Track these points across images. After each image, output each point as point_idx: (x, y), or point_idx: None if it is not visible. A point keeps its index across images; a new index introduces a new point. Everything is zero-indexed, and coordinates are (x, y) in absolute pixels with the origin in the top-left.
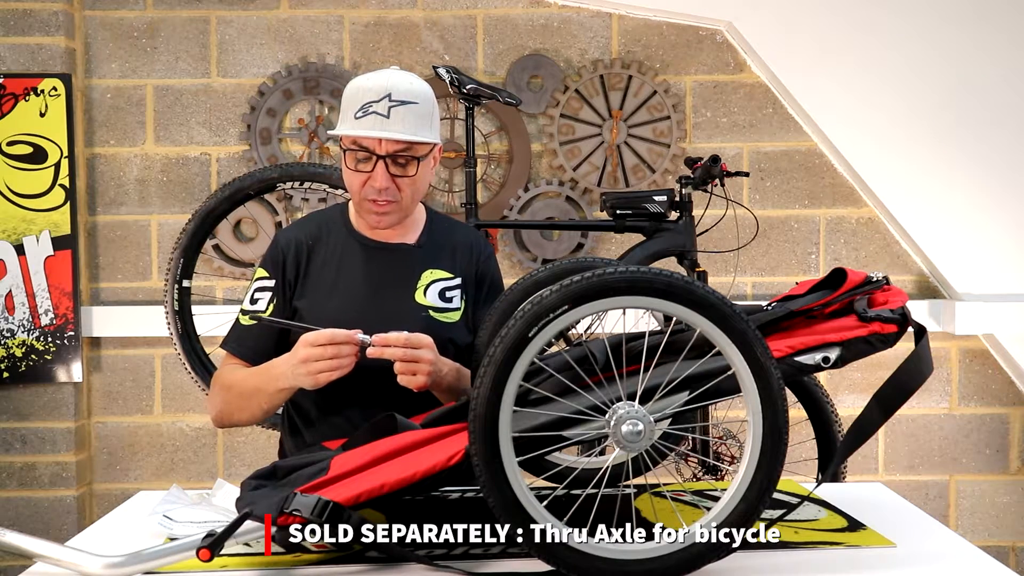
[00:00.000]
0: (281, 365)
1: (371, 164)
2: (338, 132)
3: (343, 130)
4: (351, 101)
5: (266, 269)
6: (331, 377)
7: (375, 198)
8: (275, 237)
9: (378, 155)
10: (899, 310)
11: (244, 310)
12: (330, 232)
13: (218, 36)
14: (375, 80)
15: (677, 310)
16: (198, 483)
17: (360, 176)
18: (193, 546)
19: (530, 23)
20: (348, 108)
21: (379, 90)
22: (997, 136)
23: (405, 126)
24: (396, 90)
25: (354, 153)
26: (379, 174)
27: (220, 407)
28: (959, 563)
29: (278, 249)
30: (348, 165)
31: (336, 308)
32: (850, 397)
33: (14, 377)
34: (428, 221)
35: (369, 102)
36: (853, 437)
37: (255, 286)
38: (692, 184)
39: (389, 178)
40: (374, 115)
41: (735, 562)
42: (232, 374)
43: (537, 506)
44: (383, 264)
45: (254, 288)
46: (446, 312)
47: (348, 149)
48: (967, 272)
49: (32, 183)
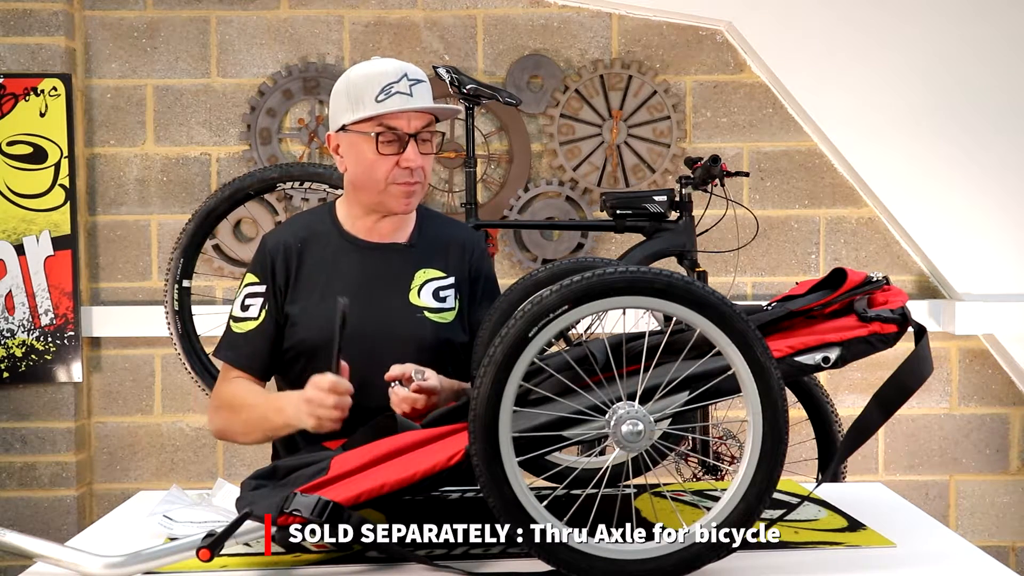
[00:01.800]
0: (289, 400)
1: (399, 145)
2: (364, 114)
3: (369, 113)
4: (364, 88)
5: (256, 274)
6: (333, 426)
7: (407, 180)
8: (262, 241)
9: (409, 134)
10: (899, 310)
11: (235, 317)
12: (319, 233)
13: (218, 36)
14: (382, 65)
15: (677, 310)
16: (198, 483)
17: (388, 160)
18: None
19: (530, 23)
20: (363, 95)
21: (394, 71)
22: (997, 136)
23: (426, 101)
24: (409, 70)
25: (383, 136)
26: (411, 152)
27: (222, 426)
28: (959, 563)
29: (266, 253)
30: (380, 152)
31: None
32: (850, 397)
33: (14, 377)
34: (419, 218)
35: (389, 83)
36: (853, 437)
37: (245, 292)
38: (692, 184)
39: (420, 155)
40: (398, 95)
41: (735, 562)
42: (238, 396)
43: (537, 506)
44: (376, 264)
45: (244, 294)
46: (441, 312)
47: (376, 132)
48: (967, 272)
49: (32, 183)
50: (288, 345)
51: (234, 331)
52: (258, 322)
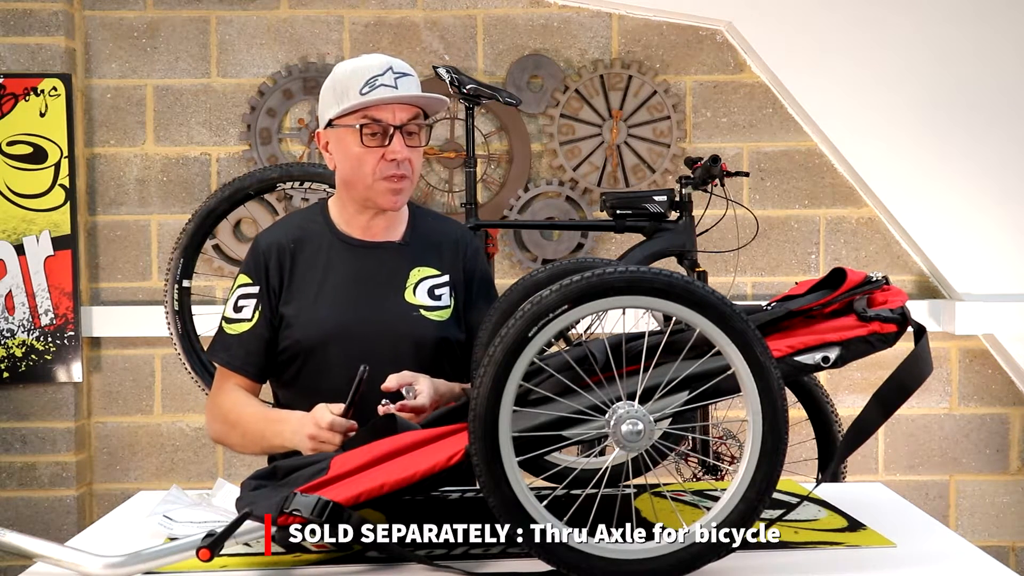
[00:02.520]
0: (288, 424)
1: (384, 138)
2: (348, 106)
3: (352, 105)
4: (349, 82)
5: (249, 275)
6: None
7: (393, 173)
8: (255, 241)
9: (393, 125)
10: (899, 310)
11: (228, 318)
12: (312, 233)
13: (218, 36)
14: (368, 60)
15: (677, 310)
16: (198, 483)
17: (374, 153)
18: (193, 546)
19: (530, 23)
20: (348, 88)
21: (379, 65)
22: (997, 136)
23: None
24: (395, 63)
25: (368, 128)
26: (397, 144)
27: (218, 434)
28: (959, 563)
29: (259, 254)
30: (360, 144)
31: (326, 312)
32: (850, 397)
33: (14, 377)
34: (411, 216)
35: (374, 76)
36: (853, 437)
37: (238, 293)
38: (692, 184)
39: (406, 148)
40: (383, 87)
41: (735, 562)
42: (233, 411)
43: (537, 506)
44: (370, 264)
45: (237, 295)
46: (436, 310)
47: (361, 124)
48: (967, 272)
49: (32, 183)
50: (283, 346)
51: (227, 332)
52: (251, 323)
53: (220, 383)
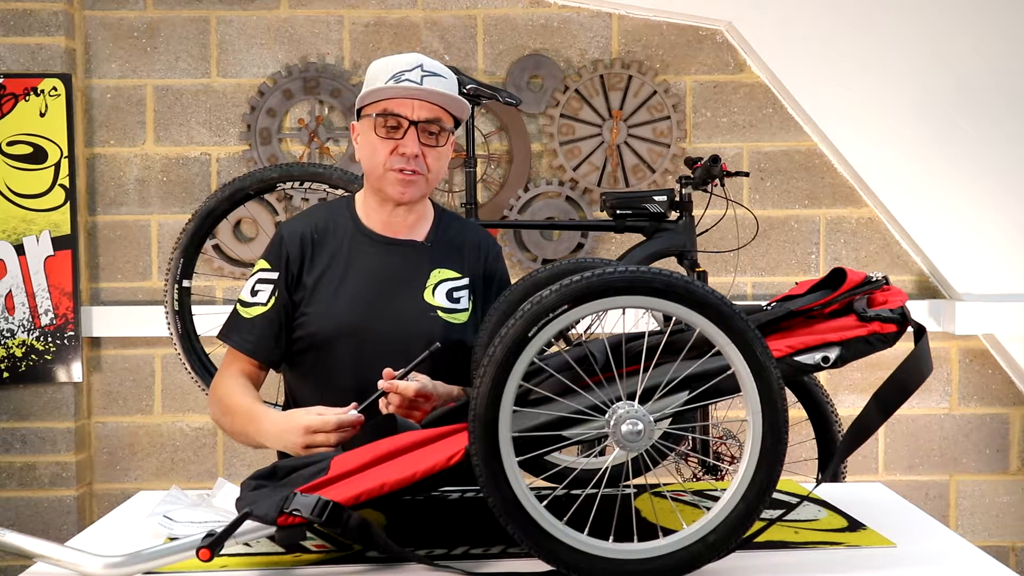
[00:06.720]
0: (270, 425)
1: (401, 131)
2: (371, 97)
3: (374, 95)
4: (379, 74)
5: (269, 261)
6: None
7: (403, 167)
8: (279, 229)
9: (411, 120)
10: (899, 310)
11: (244, 301)
12: (336, 225)
13: (218, 36)
14: (402, 56)
15: (677, 310)
16: (198, 483)
17: (388, 144)
18: (193, 546)
19: (530, 23)
20: (376, 79)
21: (411, 61)
22: (997, 136)
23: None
24: (427, 63)
25: (384, 120)
26: (410, 140)
27: (215, 416)
28: (959, 563)
29: (281, 241)
30: (377, 134)
31: (344, 306)
32: (850, 397)
33: (14, 377)
34: (437, 218)
35: (402, 71)
36: (853, 437)
37: (256, 277)
38: (692, 184)
39: (419, 145)
40: (407, 82)
41: (735, 562)
42: (230, 395)
43: (537, 506)
44: (392, 261)
45: (255, 280)
46: (455, 313)
47: (379, 115)
48: (967, 272)
49: (32, 183)
50: (298, 336)
51: (241, 315)
52: (266, 308)
53: (227, 365)
